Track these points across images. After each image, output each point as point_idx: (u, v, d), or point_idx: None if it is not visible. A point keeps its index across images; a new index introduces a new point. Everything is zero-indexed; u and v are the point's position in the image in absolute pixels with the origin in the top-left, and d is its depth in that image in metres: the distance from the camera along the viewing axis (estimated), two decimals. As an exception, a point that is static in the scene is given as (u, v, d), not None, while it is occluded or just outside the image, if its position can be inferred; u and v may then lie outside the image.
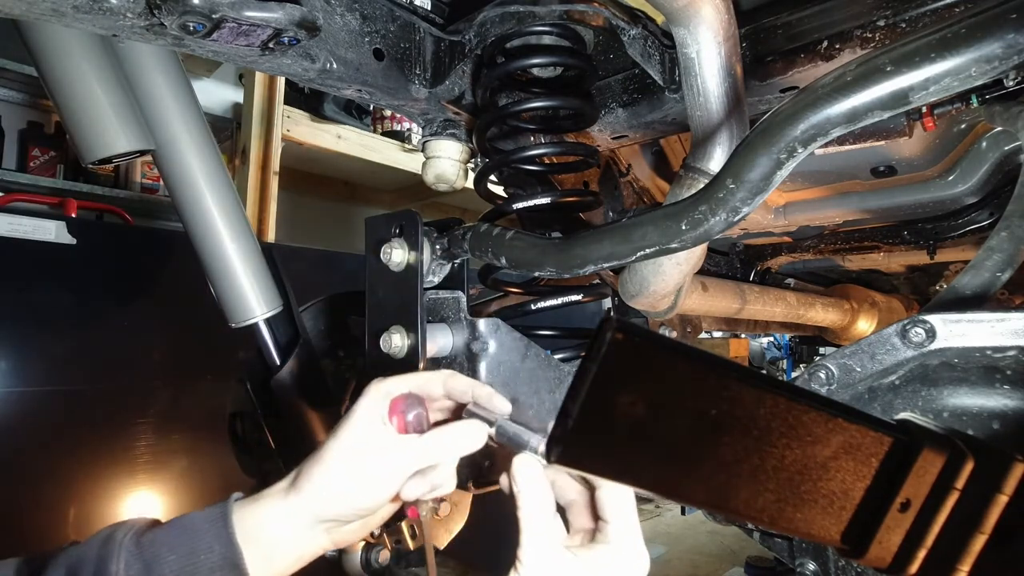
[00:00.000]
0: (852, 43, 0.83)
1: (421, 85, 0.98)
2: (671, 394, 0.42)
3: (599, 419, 0.41)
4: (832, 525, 0.48)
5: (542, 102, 1.01)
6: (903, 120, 1.15)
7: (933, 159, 1.37)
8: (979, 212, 1.50)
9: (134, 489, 2.20)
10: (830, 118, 0.54)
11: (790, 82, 0.90)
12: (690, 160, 0.91)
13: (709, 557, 3.95)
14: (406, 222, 0.95)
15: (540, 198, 1.07)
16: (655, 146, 1.43)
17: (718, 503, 0.45)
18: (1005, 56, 0.46)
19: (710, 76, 0.81)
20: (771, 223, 1.70)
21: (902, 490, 0.48)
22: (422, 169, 1.13)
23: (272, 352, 1.14)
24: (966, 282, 0.80)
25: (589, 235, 0.76)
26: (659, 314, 1.28)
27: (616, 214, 1.41)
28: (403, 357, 0.92)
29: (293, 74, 0.86)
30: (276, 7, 0.70)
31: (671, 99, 0.96)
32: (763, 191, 0.60)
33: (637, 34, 0.91)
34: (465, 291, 0.99)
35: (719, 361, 0.43)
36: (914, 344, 0.69)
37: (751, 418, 0.44)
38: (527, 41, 0.99)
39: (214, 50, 0.78)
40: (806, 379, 0.76)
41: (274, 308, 1.14)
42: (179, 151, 1.08)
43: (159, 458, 2.26)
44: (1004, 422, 0.65)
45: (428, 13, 1.01)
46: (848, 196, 1.57)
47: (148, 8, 0.68)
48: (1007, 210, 0.85)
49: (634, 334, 0.41)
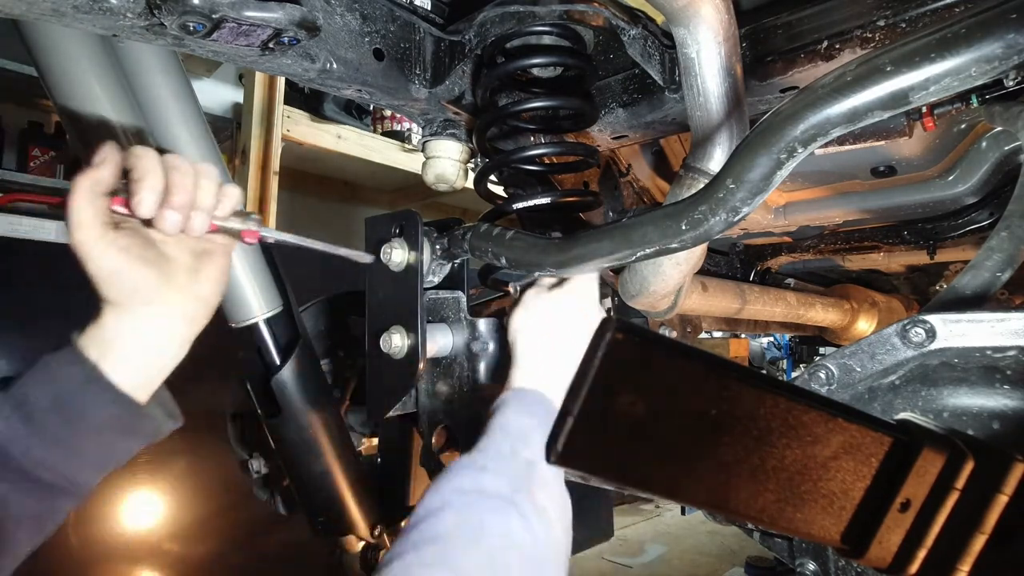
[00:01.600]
0: (852, 43, 0.83)
1: (421, 85, 0.98)
2: (671, 394, 0.43)
3: (599, 419, 0.41)
4: (832, 525, 0.48)
5: (542, 102, 1.01)
6: (903, 120, 1.15)
7: (933, 159, 1.37)
8: (979, 212, 1.50)
9: (134, 489, 2.20)
10: (830, 118, 0.54)
11: (790, 82, 0.90)
12: (690, 160, 0.91)
13: (709, 557, 3.95)
14: (406, 222, 0.95)
15: (540, 198, 1.07)
16: (655, 146, 1.43)
17: (718, 503, 0.45)
18: (1005, 56, 0.46)
19: (710, 76, 0.81)
20: (771, 223, 1.70)
21: (902, 490, 0.48)
22: (422, 169, 1.13)
23: (272, 352, 1.14)
24: (966, 282, 0.80)
25: (589, 235, 0.76)
26: (659, 314, 1.28)
27: (616, 214, 1.41)
28: (403, 357, 0.92)
29: (293, 74, 0.86)
30: (276, 7, 0.70)
31: (671, 99, 0.96)
32: (763, 191, 0.60)
33: (637, 34, 0.91)
34: (465, 291, 0.99)
35: (719, 361, 0.44)
36: (914, 344, 0.69)
37: (751, 418, 0.44)
38: (527, 41, 0.99)
39: (214, 50, 0.78)
40: (806, 379, 0.76)
41: (274, 308, 1.14)
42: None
43: (159, 458, 2.26)
44: (1004, 422, 0.65)
45: (428, 13, 1.01)
46: (848, 196, 1.57)
47: (148, 8, 0.68)
48: (1007, 210, 0.85)
49: (634, 334, 0.41)
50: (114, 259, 0.68)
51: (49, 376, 0.68)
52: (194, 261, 0.75)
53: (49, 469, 0.66)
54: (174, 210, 0.69)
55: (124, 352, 0.70)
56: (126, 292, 0.70)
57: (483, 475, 0.64)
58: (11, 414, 0.65)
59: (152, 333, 0.72)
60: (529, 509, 0.62)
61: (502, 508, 0.61)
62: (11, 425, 0.65)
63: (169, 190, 0.68)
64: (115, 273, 0.68)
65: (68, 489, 0.68)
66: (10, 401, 0.66)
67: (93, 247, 0.67)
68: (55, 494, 0.68)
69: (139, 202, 0.67)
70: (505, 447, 0.68)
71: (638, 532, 4.42)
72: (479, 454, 0.67)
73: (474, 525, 0.59)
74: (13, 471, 0.65)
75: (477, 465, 0.65)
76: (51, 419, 0.66)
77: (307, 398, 1.14)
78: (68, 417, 0.67)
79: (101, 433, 0.69)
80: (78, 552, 2.03)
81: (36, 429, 0.66)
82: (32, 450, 0.65)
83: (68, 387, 0.67)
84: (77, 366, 0.68)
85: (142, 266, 0.70)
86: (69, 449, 0.67)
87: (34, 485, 0.66)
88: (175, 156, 0.70)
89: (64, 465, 0.67)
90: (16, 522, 0.65)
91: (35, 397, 0.66)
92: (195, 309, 0.75)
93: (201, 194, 0.71)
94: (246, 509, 2.38)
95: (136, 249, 0.69)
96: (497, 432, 0.70)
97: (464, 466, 0.65)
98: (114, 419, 0.69)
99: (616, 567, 3.75)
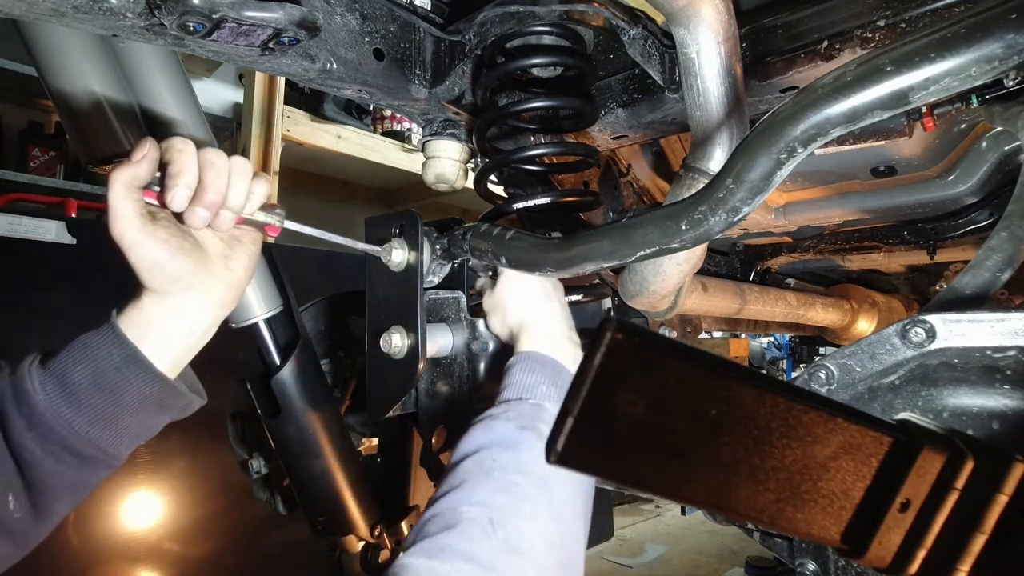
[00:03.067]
0: (852, 43, 0.83)
1: (421, 85, 0.98)
2: (671, 394, 0.42)
3: (599, 419, 0.41)
4: (832, 525, 0.48)
5: (542, 102, 1.01)
6: (903, 120, 1.15)
7: (933, 159, 1.37)
8: (979, 212, 1.50)
9: (134, 489, 2.20)
10: (830, 118, 0.54)
11: (790, 82, 0.90)
12: (690, 160, 0.91)
13: (709, 557, 3.95)
14: (406, 222, 0.95)
15: (540, 198, 1.07)
16: (655, 146, 1.43)
17: (718, 503, 0.45)
18: (1005, 56, 0.46)
19: (710, 76, 0.81)
20: (771, 223, 1.70)
21: (902, 490, 0.48)
22: (422, 169, 1.13)
23: (272, 352, 1.14)
24: (966, 282, 0.80)
25: (589, 235, 0.76)
26: (659, 314, 1.28)
27: (616, 214, 1.41)
28: (403, 357, 0.92)
29: (293, 74, 0.86)
30: (276, 7, 0.70)
31: (671, 99, 0.96)
32: (763, 191, 0.60)
33: (637, 34, 0.91)
34: (465, 291, 0.99)
35: (719, 361, 0.43)
36: (914, 344, 0.69)
37: (751, 418, 0.44)
38: (527, 41, 0.99)
39: (214, 50, 0.78)
40: (806, 379, 0.76)
41: (274, 308, 1.14)
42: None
43: (159, 458, 2.26)
44: (1004, 422, 0.65)
45: (428, 13, 1.01)
46: (848, 196, 1.57)
47: (148, 8, 0.68)
48: (1007, 210, 0.84)
49: (634, 334, 0.41)
50: (155, 250, 0.70)
51: (90, 355, 0.71)
52: (226, 248, 0.78)
53: (90, 444, 0.70)
54: (204, 207, 0.71)
55: (162, 335, 0.74)
56: (167, 281, 0.72)
57: (494, 423, 0.72)
58: (53, 390, 0.68)
59: (188, 317, 0.75)
60: (535, 439, 0.69)
61: (511, 445, 0.69)
62: (53, 402, 0.68)
63: (202, 187, 0.70)
64: (156, 263, 0.71)
65: (105, 461, 0.73)
66: (52, 379, 0.69)
67: (134, 238, 0.69)
68: (93, 466, 0.72)
69: (172, 197, 0.69)
70: (513, 398, 0.76)
71: (638, 532, 4.42)
72: (492, 409, 0.75)
73: (487, 464, 0.66)
74: (56, 444, 0.68)
75: (490, 417, 0.73)
76: (93, 397, 0.70)
77: (307, 398, 1.14)
78: (108, 395, 0.70)
79: (138, 410, 0.73)
80: (78, 552, 2.03)
81: (79, 406, 0.69)
82: (74, 426, 0.69)
83: (109, 366, 0.70)
84: (118, 347, 0.71)
85: (181, 256, 0.72)
86: (108, 425, 0.71)
87: (75, 458, 0.70)
88: (212, 152, 0.72)
89: (103, 440, 0.71)
90: (55, 491, 0.70)
91: (76, 375, 0.69)
92: (226, 293, 0.78)
93: (232, 193, 0.73)
94: (246, 509, 2.39)
95: (175, 240, 0.72)
96: (506, 390, 0.77)
97: (479, 422, 0.73)
98: (151, 397, 0.73)
99: (616, 567, 3.75)
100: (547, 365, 0.80)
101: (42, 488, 0.69)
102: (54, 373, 0.69)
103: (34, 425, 0.67)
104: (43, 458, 0.68)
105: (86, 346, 0.71)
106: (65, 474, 0.70)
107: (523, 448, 0.68)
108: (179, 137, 0.71)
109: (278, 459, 1.21)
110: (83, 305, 2.03)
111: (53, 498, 0.70)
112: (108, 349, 0.71)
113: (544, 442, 0.64)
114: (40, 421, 0.68)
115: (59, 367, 0.70)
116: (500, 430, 0.70)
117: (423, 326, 0.91)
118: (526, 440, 0.69)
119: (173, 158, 0.70)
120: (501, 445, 0.68)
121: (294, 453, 1.16)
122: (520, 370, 0.79)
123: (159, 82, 1.04)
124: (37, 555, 0.71)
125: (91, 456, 0.71)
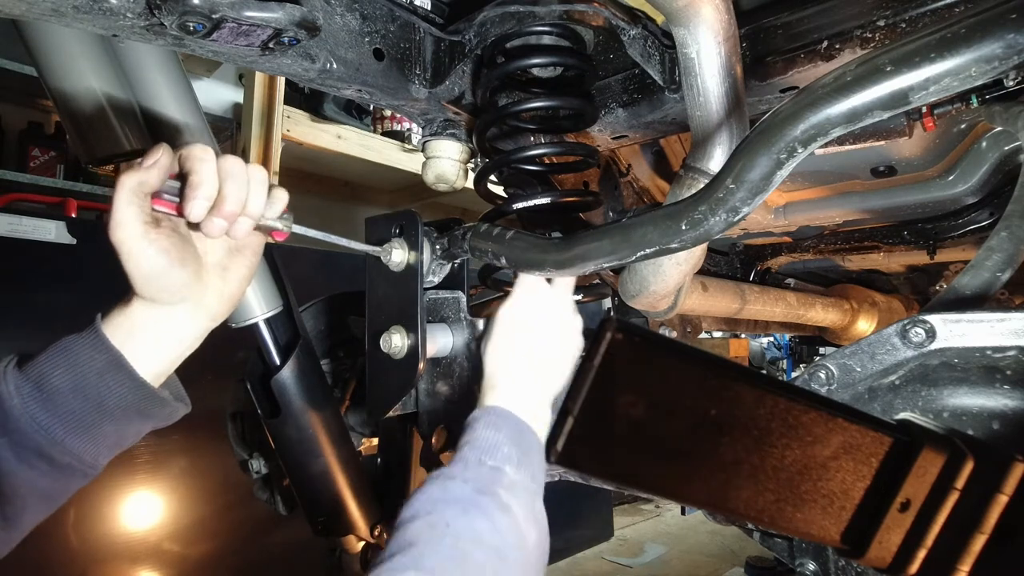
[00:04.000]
0: (852, 43, 0.83)
1: (421, 85, 0.98)
2: (671, 394, 0.43)
3: (599, 419, 0.41)
4: (832, 525, 0.48)
5: (542, 102, 1.01)
6: (903, 120, 1.15)
7: (933, 159, 1.37)
8: (979, 212, 1.50)
9: (133, 489, 2.20)
10: (830, 118, 0.54)
11: (790, 82, 0.90)
12: (690, 160, 0.91)
13: (709, 557, 3.94)
14: (406, 222, 0.95)
15: (540, 198, 1.07)
16: (655, 146, 1.43)
17: (718, 503, 0.45)
18: (1005, 56, 0.46)
19: (710, 76, 0.81)
20: (771, 223, 1.70)
21: (902, 490, 0.48)
22: (422, 169, 1.13)
23: (272, 352, 1.14)
24: (966, 282, 0.80)
25: (589, 235, 0.76)
26: (659, 314, 1.28)
27: (616, 214, 1.41)
28: (403, 357, 0.92)
29: (293, 74, 0.86)
30: (276, 7, 0.70)
31: (671, 99, 0.96)
32: (763, 191, 0.60)
33: (637, 34, 0.91)
34: (465, 291, 0.99)
35: (719, 361, 0.44)
36: (914, 344, 0.69)
37: (751, 418, 0.44)
38: (527, 41, 0.99)
39: (214, 50, 0.78)
40: (806, 379, 0.76)
41: (274, 308, 1.14)
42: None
43: (158, 458, 2.26)
44: (1004, 422, 0.65)
45: (428, 13, 1.01)
46: (848, 196, 1.57)
47: (148, 8, 0.68)
48: (1007, 210, 0.85)
49: (634, 334, 0.41)
50: (154, 260, 0.68)
51: (71, 359, 0.68)
52: (225, 258, 0.76)
53: (66, 451, 0.67)
54: (223, 218, 0.68)
55: (148, 342, 0.71)
56: (162, 291, 0.70)
57: (450, 483, 0.68)
58: (29, 394, 0.66)
59: (177, 327, 0.73)
60: (493, 507, 0.66)
61: (467, 509, 0.65)
62: (28, 406, 0.65)
63: (222, 198, 0.68)
64: (153, 273, 0.69)
65: (82, 470, 0.70)
66: (28, 383, 0.66)
67: (134, 246, 0.67)
68: (69, 474, 0.69)
69: (191, 209, 0.67)
70: (472, 457, 0.71)
71: (638, 532, 4.42)
72: (448, 468, 0.71)
73: (440, 528, 0.62)
74: (29, 451, 0.65)
75: (445, 476, 0.69)
76: (71, 402, 0.67)
77: (307, 398, 1.14)
78: (88, 401, 0.68)
79: (119, 418, 0.70)
80: (78, 552, 2.03)
81: (56, 412, 0.66)
82: (51, 432, 0.66)
83: (90, 371, 0.68)
84: (100, 352, 0.69)
85: (180, 267, 0.70)
86: (87, 432, 0.68)
87: (49, 465, 0.67)
88: (232, 161, 0.70)
89: (80, 447, 0.68)
90: (25, 499, 0.66)
91: (55, 379, 0.67)
92: (219, 306, 0.76)
93: (250, 203, 0.71)
94: (246, 509, 2.39)
95: (175, 251, 0.70)
96: (465, 447, 0.73)
97: (434, 479, 0.69)
98: (133, 404, 0.71)
99: (616, 567, 3.75)
100: (511, 423, 0.77)
101: (11, 496, 0.65)
102: (31, 377, 0.67)
103: (7, 430, 0.65)
104: (16, 465, 0.65)
105: (67, 350, 0.68)
106: (38, 482, 0.67)
107: (478, 515, 0.64)
108: (199, 145, 0.69)
109: (278, 459, 1.21)
110: (83, 305, 2.03)
111: (22, 507, 0.67)
112: (90, 354, 0.68)
113: (502, 509, 0.65)
114: (14, 427, 0.65)
115: (37, 370, 0.67)
116: (455, 492, 0.67)
117: (423, 326, 0.91)
118: (482, 505, 0.66)
119: (194, 167, 0.67)
120: (456, 507, 0.65)
121: (294, 453, 1.16)
122: (483, 426, 0.76)
123: (159, 82, 1.04)
124: (37, 555, 0.69)
125: (67, 464, 0.68)
